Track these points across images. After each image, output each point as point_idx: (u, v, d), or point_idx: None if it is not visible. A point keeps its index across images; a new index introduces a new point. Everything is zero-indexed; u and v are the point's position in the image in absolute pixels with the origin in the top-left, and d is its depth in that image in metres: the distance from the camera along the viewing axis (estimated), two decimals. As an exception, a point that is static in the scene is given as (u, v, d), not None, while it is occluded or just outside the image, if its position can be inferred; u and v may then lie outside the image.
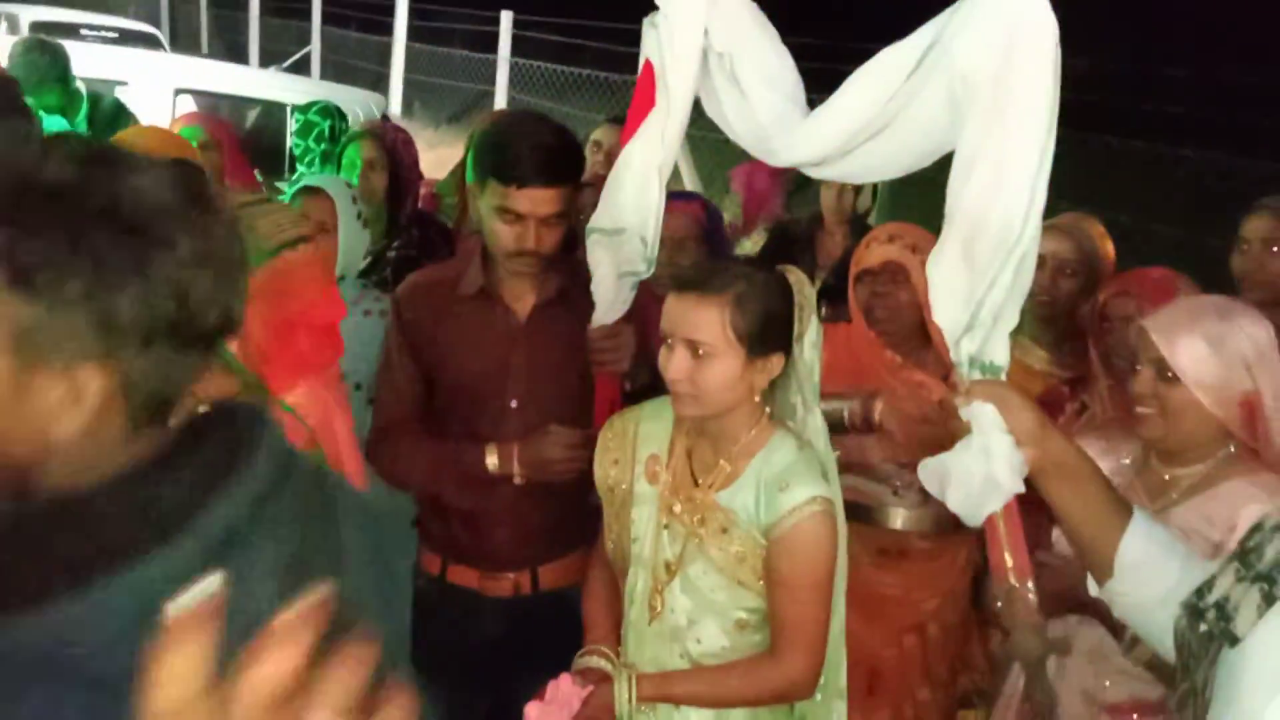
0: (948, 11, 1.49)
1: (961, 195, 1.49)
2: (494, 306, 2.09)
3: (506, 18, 9.28)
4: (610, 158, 2.13)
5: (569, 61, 8.49)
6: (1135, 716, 1.80)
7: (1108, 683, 1.83)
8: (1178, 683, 1.23)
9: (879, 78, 1.57)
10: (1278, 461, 1.74)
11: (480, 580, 2.15)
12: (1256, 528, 1.19)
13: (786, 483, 1.64)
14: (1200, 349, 1.68)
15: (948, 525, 2.09)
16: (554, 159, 1.97)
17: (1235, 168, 5.01)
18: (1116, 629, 1.69)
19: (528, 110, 7.80)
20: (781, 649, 1.66)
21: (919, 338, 2.29)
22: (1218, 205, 5.53)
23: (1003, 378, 1.50)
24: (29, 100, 3.61)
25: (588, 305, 2.01)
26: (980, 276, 1.47)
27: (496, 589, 2.14)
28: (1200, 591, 1.20)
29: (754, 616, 1.70)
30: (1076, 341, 2.38)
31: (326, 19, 12.10)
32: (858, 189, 3.77)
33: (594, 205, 2.04)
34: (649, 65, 1.87)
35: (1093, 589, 1.46)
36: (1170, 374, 1.71)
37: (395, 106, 9.92)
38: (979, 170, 1.46)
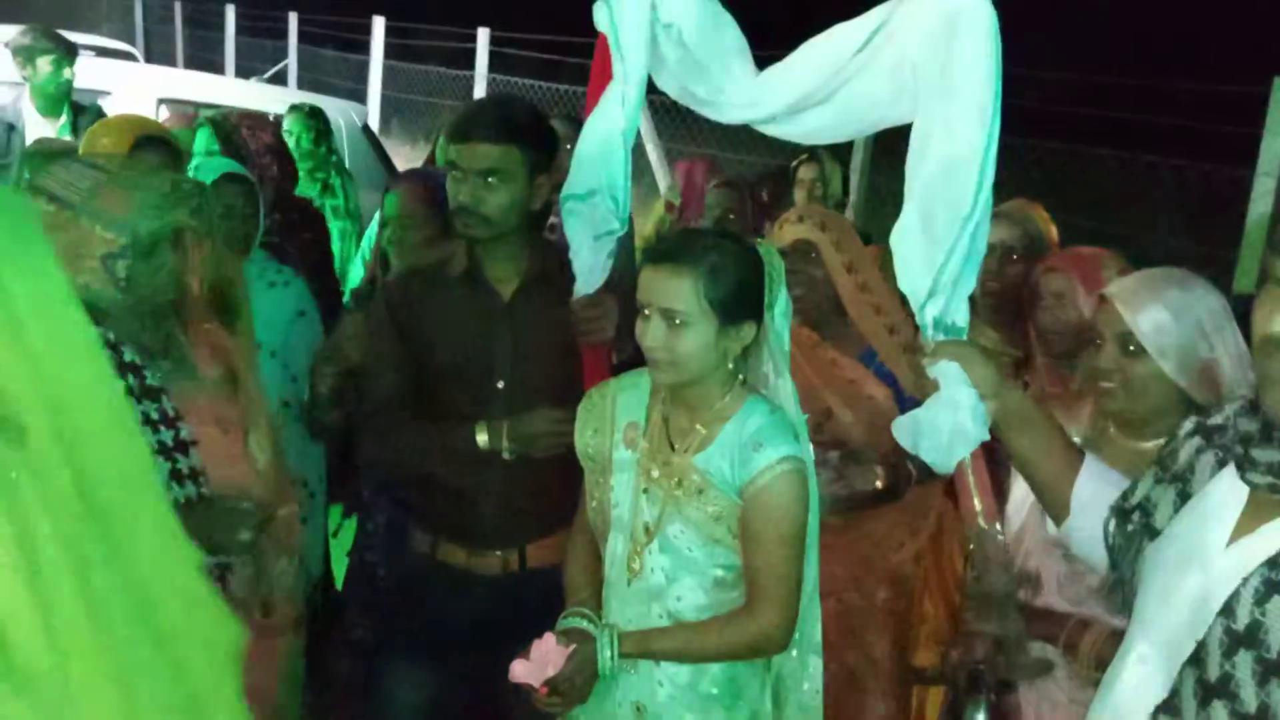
0: (894, 0, 1.64)
1: (917, 173, 1.62)
2: (478, 288, 2.16)
3: (483, 34, 9.36)
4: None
5: (546, 78, 8.58)
6: None
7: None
8: (1108, 575, 1.39)
9: (830, 50, 1.71)
10: None
11: (468, 558, 2.20)
12: (1172, 436, 1.36)
13: (759, 443, 1.72)
14: (1163, 318, 1.70)
15: (857, 503, 2.23)
16: (494, 117, 2.06)
17: (1215, 176, 5.17)
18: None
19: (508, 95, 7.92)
20: (756, 603, 1.74)
21: (835, 315, 2.39)
22: (1202, 213, 5.68)
23: (964, 338, 1.64)
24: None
25: (571, 285, 2.08)
26: (939, 246, 1.60)
27: (485, 567, 2.20)
28: (1125, 495, 1.36)
29: (731, 574, 1.78)
30: (1024, 323, 2.48)
31: (302, 37, 12.14)
32: (826, 185, 3.92)
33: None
34: (603, 39, 1.98)
35: (1051, 529, 1.61)
36: (1133, 347, 1.72)
37: (373, 124, 10.00)
38: (932, 150, 1.59)
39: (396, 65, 10.70)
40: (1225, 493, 1.21)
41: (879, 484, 2.23)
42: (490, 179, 2.03)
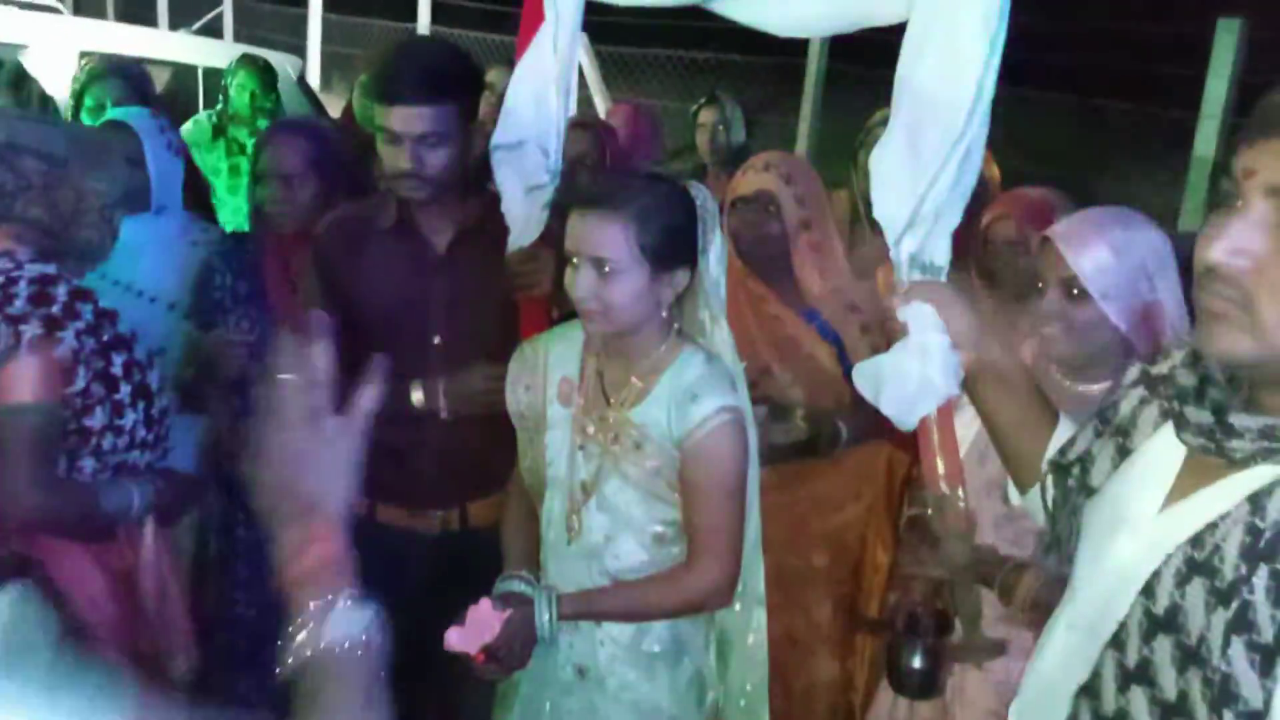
0: None
1: (909, 80, 1.44)
2: (411, 240, 2.08)
3: (426, -15, 9.13)
4: (500, 100, 2.14)
5: (491, 29, 8.38)
6: None
7: None
8: (1044, 535, 1.29)
9: None
10: None
11: (409, 519, 2.16)
12: (1115, 385, 1.24)
13: (696, 394, 1.67)
14: (1105, 259, 1.65)
15: (777, 456, 2.09)
16: (427, 77, 1.94)
17: (1155, 118, 5.18)
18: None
19: (422, 35, 7.67)
20: (698, 558, 1.70)
21: (784, 270, 2.32)
22: (1148, 157, 5.69)
23: (943, 278, 1.48)
24: None
25: (507, 236, 2.01)
26: (924, 169, 1.43)
27: (425, 526, 2.15)
28: (1064, 449, 1.24)
29: (671, 529, 1.73)
30: (966, 261, 2.43)
31: (239, -11, 11.77)
32: (728, 128, 3.83)
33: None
34: None
35: (1014, 498, 1.47)
36: (1077, 291, 1.67)
37: (314, 80, 9.72)
38: (928, 54, 1.42)
39: (336, 19, 10.41)
40: (1163, 451, 1.10)
41: (797, 438, 2.16)
42: (431, 140, 1.94)
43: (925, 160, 1.43)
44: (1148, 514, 1.08)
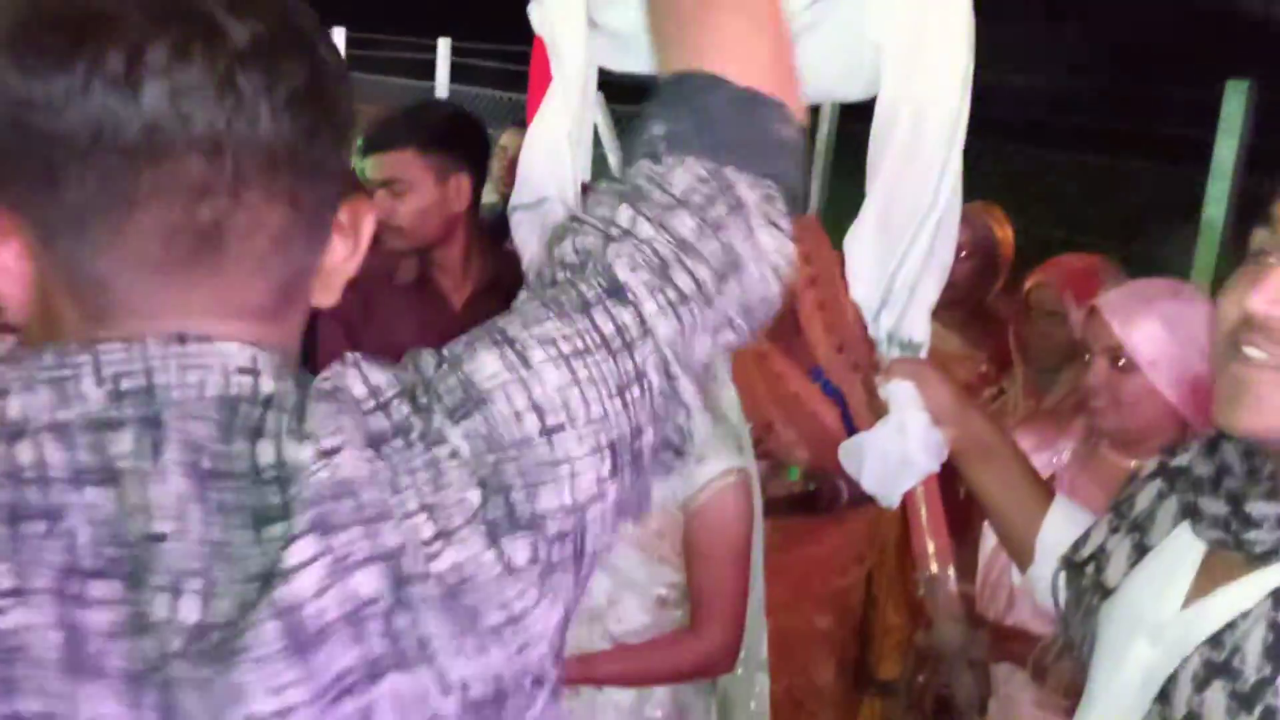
0: None
1: (879, 164, 1.44)
2: (428, 296, 2.10)
3: (444, 45, 9.32)
4: (513, 162, 2.16)
5: (509, 88, 8.51)
6: None
7: None
8: (1057, 637, 1.23)
9: None
10: None
11: None
12: (1132, 476, 1.18)
13: (702, 456, 1.65)
14: (1155, 329, 1.59)
15: (775, 509, 2.07)
16: (390, 124, 2.00)
17: (1160, 178, 5.19)
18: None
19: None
20: (701, 622, 1.68)
21: (789, 327, 2.30)
22: (1146, 216, 5.70)
23: (923, 355, 1.46)
24: None
25: None
26: (894, 247, 1.42)
27: None
28: (1077, 545, 1.17)
29: (674, 593, 1.71)
30: (986, 324, 2.42)
31: (263, 49, 12.04)
32: None
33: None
34: (539, 41, 1.89)
35: (1016, 578, 1.43)
36: (1123, 362, 1.62)
37: (334, 135, 9.90)
38: (895, 135, 1.42)
39: (358, 77, 10.62)
40: (1183, 548, 1.03)
41: (793, 489, 2.16)
42: (395, 188, 1.97)
43: (894, 237, 1.43)
44: (1167, 615, 1.00)
